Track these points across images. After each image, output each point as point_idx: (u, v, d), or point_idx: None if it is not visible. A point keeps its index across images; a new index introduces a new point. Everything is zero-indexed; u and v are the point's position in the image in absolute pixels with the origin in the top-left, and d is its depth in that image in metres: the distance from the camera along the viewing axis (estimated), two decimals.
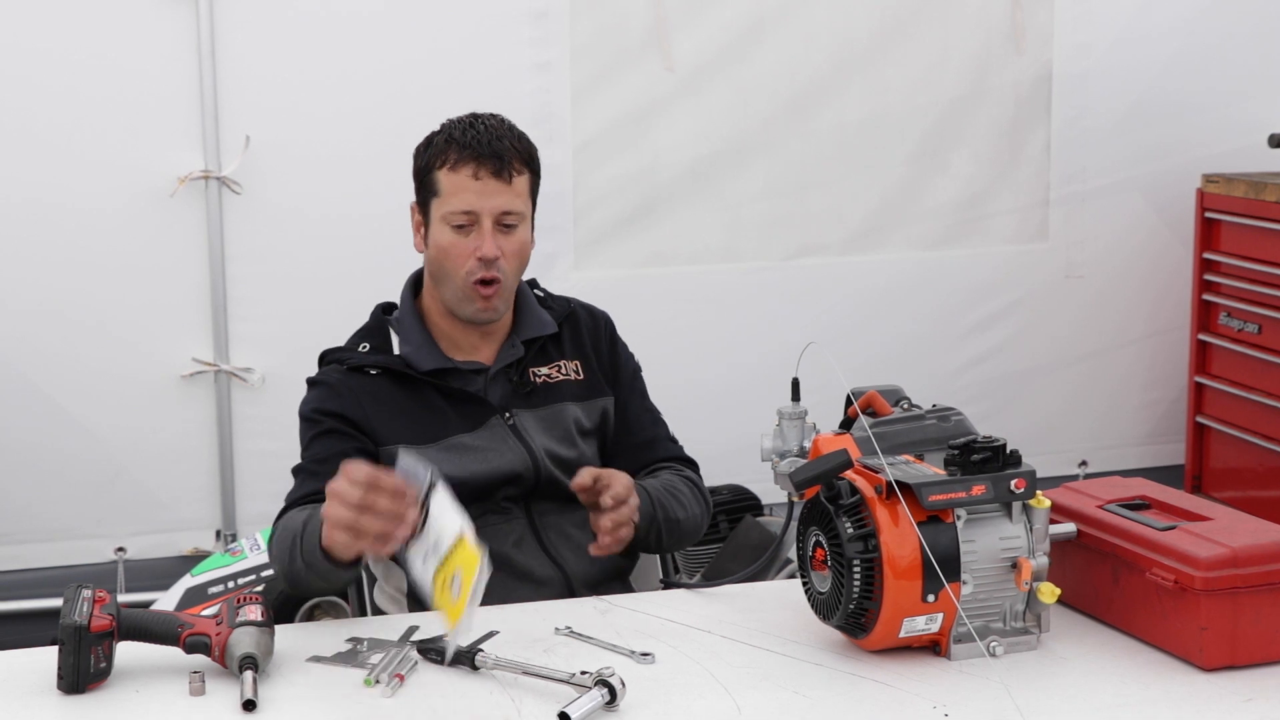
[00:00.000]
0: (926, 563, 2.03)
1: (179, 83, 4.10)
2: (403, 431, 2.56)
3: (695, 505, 2.67)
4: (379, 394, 2.58)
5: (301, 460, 2.57)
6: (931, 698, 1.99)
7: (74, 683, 2.01)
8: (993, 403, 4.80)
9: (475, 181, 2.51)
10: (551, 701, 1.95)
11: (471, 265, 2.52)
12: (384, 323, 2.68)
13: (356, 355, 2.61)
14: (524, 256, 2.60)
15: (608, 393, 2.71)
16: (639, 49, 4.46)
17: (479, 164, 2.51)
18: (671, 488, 2.64)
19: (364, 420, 2.56)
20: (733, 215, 4.63)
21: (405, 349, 2.62)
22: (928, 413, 2.36)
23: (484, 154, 2.51)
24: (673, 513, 2.60)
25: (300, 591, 2.43)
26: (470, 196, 2.52)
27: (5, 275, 4.08)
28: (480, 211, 2.52)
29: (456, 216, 2.52)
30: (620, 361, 2.76)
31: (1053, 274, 4.93)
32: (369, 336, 2.65)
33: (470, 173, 2.51)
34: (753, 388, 4.02)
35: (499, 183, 2.52)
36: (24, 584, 4.19)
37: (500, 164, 2.51)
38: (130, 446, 4.23)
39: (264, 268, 4.23)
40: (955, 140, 4.76)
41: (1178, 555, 2.08)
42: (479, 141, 2.52)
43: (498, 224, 2.53)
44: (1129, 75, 4.86)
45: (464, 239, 2.53)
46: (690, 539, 2.68)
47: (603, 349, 2.74)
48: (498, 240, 2.53)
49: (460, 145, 2.52)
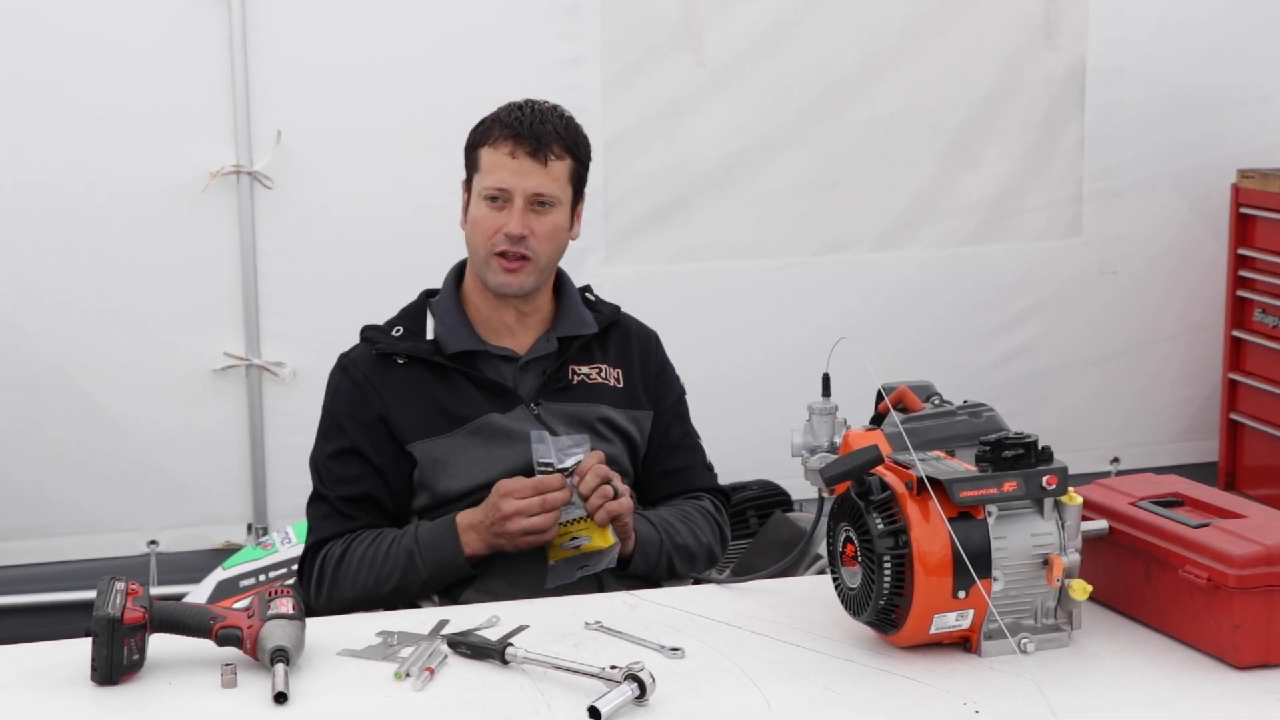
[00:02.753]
0: (957, 559, 2.02)
1: (211, 78, 4.11)
2: (428, 420, 2.59)
3: (708, 533, 2.72)
4: (404, 387, 2.62)
5: (325, 474, 2.64)
6: (962, 694, 1.98)
7: (107, 674, 2.02)
8: (1024, 399, 4.77)
9: (511, 160, 2.57)
10: (581, 696, 1.95)
11: (497, 239, 2.58)
12: (424, 306, 2.72)
13: (386, 340, 2.65)
14: (558, 240, 2.63)
15: (647, 408, 2.74)
16: (670, 44, 4.45)
17: (517, 143, 2.57)
18: (683, 514, 2.69)
19: (385, 415, 2.60)
20: (763, 211, 4.62)
21: (439, 330, 2.66)
22: (959, 409, 2.36)
23: (523, 134, 2.57)
24: (680, 538, 2.65)
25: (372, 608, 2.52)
26: (505, 174, 2.57)
27: (37, 270, 4.10)
28: (513, 190, 2.57)
29: (490, 191, 2.58)
30: (667, 381, 2.79)
31: (1085, 270, 4.90)
32: (406, 319, 2.70)
33: (508, 151, 2.57)
34: (783, 383, 4.00)
35: (534, 163, 2.57)
36: (57, 576, 4.22)
37: (537, 145, 2.56)
38: (162, 440, 4.25)
39: (295, 262, 4.24)
40: (987, 135, 4.74)
41: (1211, 553, 2.07)
42: (521, 122, 2.58)
43: (530, 204, 2.57)
44: (1163, 69, 4.83)
45: (495, 213, 2.58)
46: (704, 566, 2.72)
47: (650, 366, 2.77)
48: (528, 220, 2.57)
49: (504, 124, 2.59)
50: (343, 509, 2.60)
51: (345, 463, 2.61)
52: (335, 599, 2.56)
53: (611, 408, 2.68)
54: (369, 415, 2.61)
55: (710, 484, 2.83)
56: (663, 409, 2.76)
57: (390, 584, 2.53)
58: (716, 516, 2.77)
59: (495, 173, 2.58)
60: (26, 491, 4.19)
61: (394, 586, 2.53)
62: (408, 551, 2.53)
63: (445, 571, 2.53)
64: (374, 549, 2.55)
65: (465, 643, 2.12)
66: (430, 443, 2.59)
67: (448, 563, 2.52)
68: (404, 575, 2.53)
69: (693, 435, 2.83)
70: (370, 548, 2.56)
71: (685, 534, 2.67)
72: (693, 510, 2.73)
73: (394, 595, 2.54)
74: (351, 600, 2.55)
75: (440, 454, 2.59)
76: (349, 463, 2.61)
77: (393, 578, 2.53)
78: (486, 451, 2.58)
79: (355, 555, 2.56)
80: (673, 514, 2.70)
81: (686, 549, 2.67)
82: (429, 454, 2.59)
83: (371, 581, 2.54)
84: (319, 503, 2.64)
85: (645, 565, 2.60)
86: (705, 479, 2.82)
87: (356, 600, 2.55)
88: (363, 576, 2.54)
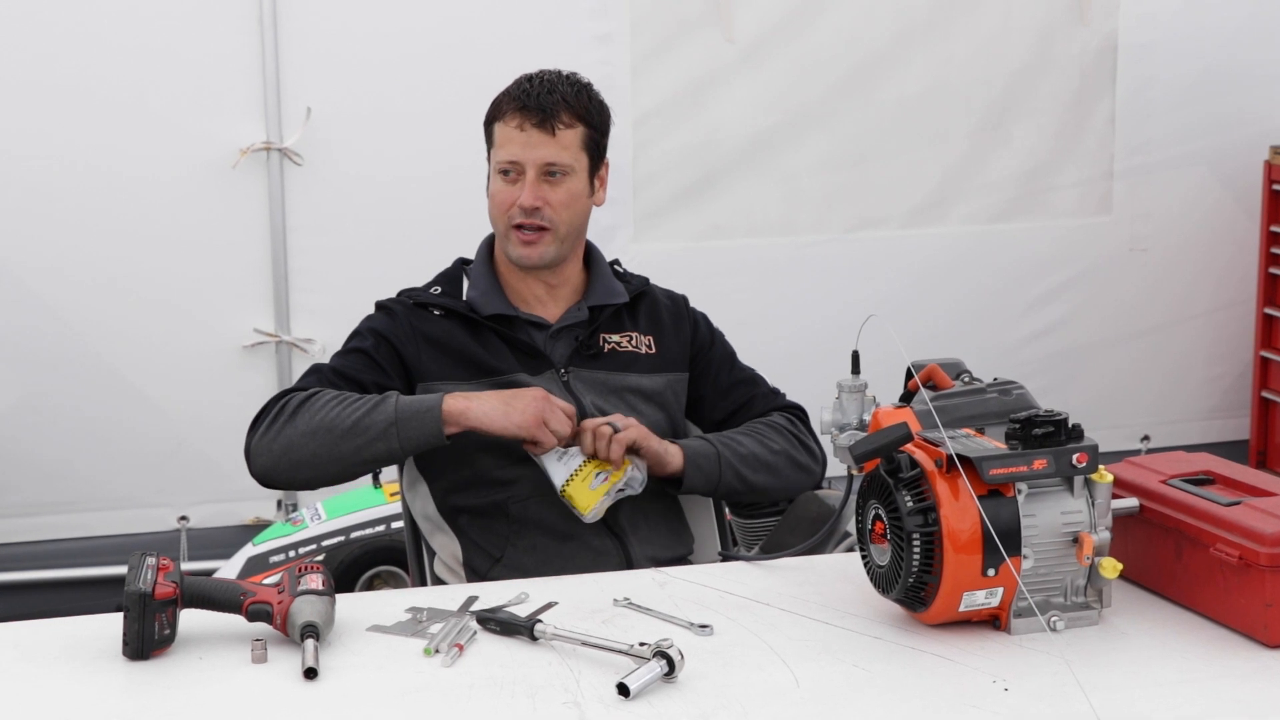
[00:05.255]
0: (987, 537, 2.02)
1: (241, 55, 4.13)
2: (457, 369, 2.60)
3: (780, 441, 2.68)
4: (438, 334, 2.62)
5: (329, 359, 2.62)
6: (991, 672, 1.98)
7: (138, 649, 2.03)
8: (1054, 377, 4.76)
9: (520, 133, 2.58)
10: (610, 672, 1.95)
11: (513, 212, 2.59)
12: (459, 271, 2.74)
13: (425, 295, 2.67)
14: (575, 208, 2.63)
15: (683, 369, 2.73)
16: (699, 20, 4.44)
17: (524, 115, 2.58)
18: (748, 429, 2.66)
19: (411, 355, 2.60)
20: (792, 188, 4.61)
21: (472, 294, 2.67)
22: (989, 386, 2.35)
23: (529, 106, 2.58)
24: (743, 448, 2.61)
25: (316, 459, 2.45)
26: (515, 148, 2.59)
27: (68, 248, 4.12)
28: (524, 162, 2.58)
29: (503, 165, 2.60)
30: (703, 334, 2.78)
31: (1116, 247, 4.88)
32: (443, 281, 2.71)
33: (516, 124, 2.59)
34: (812, 360, 3.99)
35: (542, 134, 2.57)
36: (89, 552, 4.25)
37: (544, 116, 2.57)
38: (192, 416, 4.27)
39: (325, 239, 4.26)
40: (1018, 112, 4.72)
41: (1242, 531, 2.06)
42: (528, 95, 2.59)
43: (543, 175, 2.58)
44: (1196, 45, 4.81)
45: (510, 187, 2.60)
46: (794, 477, 2.69)
47: (683, 325, 2.76)
48: (542, 190, 2.58)
49: (512, 98, 2.61)
50: (331, 377, 2.56)
51: (353, 357, 2.60)
52: (284, 435, 2.46)
53: (643, 375, 2.68)
54: (399, 340, 2.60)
55: (779, 404, 2.78)
56: (705, 360, 2.76)
57: (352, 417, 2.42)
58: (790, 428, 2.72)
59: (506, 146, 2.59)
60: (58, 467, 4.22)
61: (355, 420, 2.42)
62: (383, 395, 2.46)
63: (414, 416, 2.43)
64: (348, 393, 2.49)
65: (494, 619, 2.13)
66: (454, 386, 2.57)
67: (421, 410, 2.42)
68: (371, 410, 2.43)
69: (746, 371, 2.80)
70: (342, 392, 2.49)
71: (750, 444, 2.63)
72: (760, 424, 2.69)
73: (351, 434, 2.43)
74: (303, 435, 2.44)
75: None
76: (356, 357, 2.60)
77: (358, 410, 2.43)
78: None
79: (325, 396, 2.48)
80: (735, 431, 2.68)
81: (755, 458, 2.63)
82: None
83: (333, 412, 2.44)
84: (307, 374, 2.59)
85: (703, 479, 2.58)
86: (771, 401, 2.78)
87: (308, 436, 2.44)
88: (327, 408, 2.45)
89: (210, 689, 1.96)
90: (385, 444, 2.45)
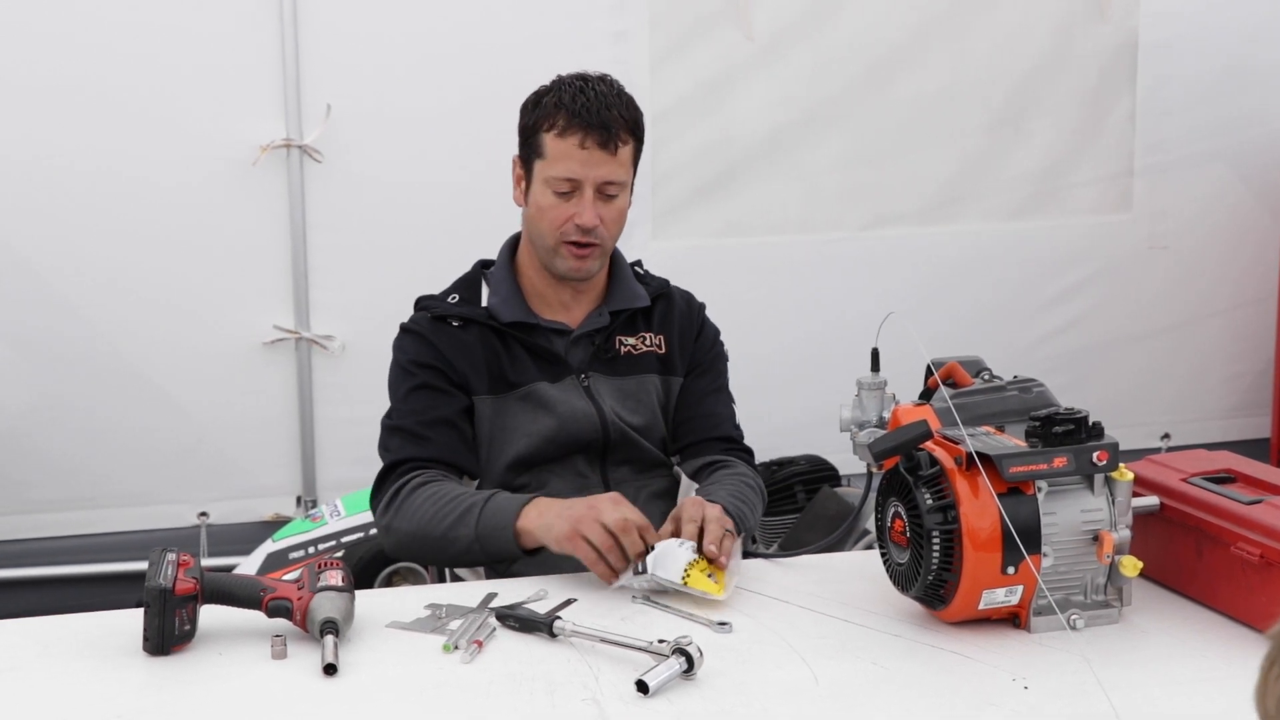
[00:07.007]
0: (1007, 535, 2.02)
1: (261, 52, 4.13)
2: (481, 381, 2.59)
3: (760, 506, 2.67)
4: (462, 344, 2.61)
5: (398, 413, 2.60)
6: (1011, 670, 1.98)
7: (159, 644, 2.04)
8: (1073, 375, 4.75)
9: (581, 151, 2.52)
10: (629, 669, 1.95)
11: (568, 228, 2.55)
12: (479, 276, 2.72)
13: (443, 305, 2.65)
14: (623, 222, 2.62)
15: (680, 374, 2.72)
16: (717, 18, 4.43)
17: (586, 133, 2.51)
18: (742, 498, 2.61)
19: (456, 372, 2.59)
20: (810, 185, 4.60)
21: (493, 300, 2.65)
22: (1009, 384, 2.34)
23: (592, 124, 2.51)
24: (748, 523, 2.59)
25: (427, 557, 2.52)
26: (574, 165, 2.52)
27: (87, 245, 4.13)
28: (584, 180, 2.53)
29: (559, 183, 2.54)
30: (704, 341, 2.76)
31: (1135, 245, 4.87)
32: (461, 288, 2.69)
33: (577, 141, 2.51)
34: (831, 358, 4.00)
35: (604, 153, 2.52)
36: (109, 547, 4.26)
37: (607, 135, 2.52)
38: (212, 413, 4.28)
39: (345, 236, 4.26)
40: (1036, 109, 4.71)
41: (1263, 529, 2.06)
42: (588, 110, 2.51)
43: (599, 193, 2.55)
44: (1216, 42, 4.78)
45: (564, 203, 2.55)
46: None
47: (690, 329, 2.75)
48: (598, 208, 2.54)
49: (570, 112, 2.52)
50: (416, 430, 2.55)
51: (415, 398, 2.59)
52: (394, 527, 2.49)
53: (655, 375, 2.68)
54: (441, 361, 2.59)
55: (735, 437, 2.75)
56: (697, 368, 2.74)
57: (441, 526, 2.43)
58: (759, 484, 2.70)
59: (564, 163, 2.52)
60: (80, 464, 4.23)
61: (443, 531, 2.43)
62: (471, 502, 2.44)
63: (493, 534, 2.40)
64: (446, 490, 2.47)
65: (513, 616, 2.13)
66: (482, 399, 2.59)
67: (499, 527, 2.39)
68: (456, 522, 2.42)
69: (725, 394, 2.77)
70: (444, 488, 2.48)
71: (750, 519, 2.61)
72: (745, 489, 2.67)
73: (443, 542, 2.43)
74: (409, 537, 2.47)
75: (489, 413, 2.59)
76: (419, 397, 2.58)
77: (446, 519, 2.43)
78: (531, 418, 2.58)
79: (427, 490, 2.48)
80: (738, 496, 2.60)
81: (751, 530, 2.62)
82: (482, 410, 2.60)
83: (428, 517, 2.44)
84: (391, 434, 2.58)
85: None
86: (732, 433, 2.75)
87: (412, 536, 2.46)
88: (424, 510, 2.45)
89: (230, 684, 1.97)
90: (472, 558, 2.46)
